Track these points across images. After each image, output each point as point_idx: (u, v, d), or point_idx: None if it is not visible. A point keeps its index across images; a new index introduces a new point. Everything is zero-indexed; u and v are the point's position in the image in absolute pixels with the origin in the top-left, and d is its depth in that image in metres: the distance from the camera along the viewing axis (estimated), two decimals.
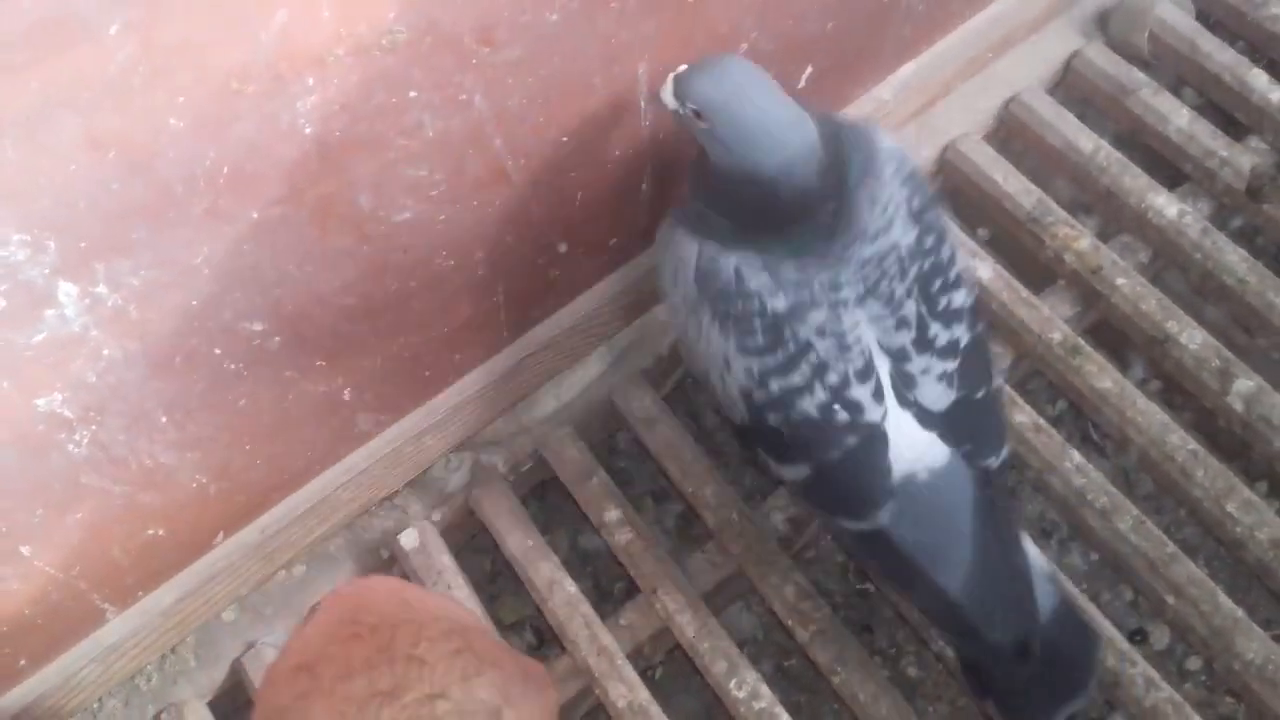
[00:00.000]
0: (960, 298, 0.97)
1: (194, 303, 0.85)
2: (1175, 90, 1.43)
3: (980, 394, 0.98)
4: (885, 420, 0.94)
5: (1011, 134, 1.43)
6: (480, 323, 1.11)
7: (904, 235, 0.94)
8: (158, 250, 0.79)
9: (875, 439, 0.94)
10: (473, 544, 1.33)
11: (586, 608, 1.16)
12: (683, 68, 0.92)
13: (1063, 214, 1.32)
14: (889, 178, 0.95)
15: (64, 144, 0.69)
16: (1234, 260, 1.27)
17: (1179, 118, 1.36)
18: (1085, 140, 1.37)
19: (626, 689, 1.11)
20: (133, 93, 0.69)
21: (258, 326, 0.92)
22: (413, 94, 0.82)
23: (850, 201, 0.93)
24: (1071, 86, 1.46)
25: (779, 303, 0.92)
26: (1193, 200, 1.34)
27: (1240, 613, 1.10)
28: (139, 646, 1.11)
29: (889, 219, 0.93)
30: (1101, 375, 1.22)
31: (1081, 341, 1.25)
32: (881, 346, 0.94)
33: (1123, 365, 1.34)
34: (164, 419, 0.93)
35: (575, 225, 1.09)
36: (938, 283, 0.95)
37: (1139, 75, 1.40)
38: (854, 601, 1.35)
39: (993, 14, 1.38)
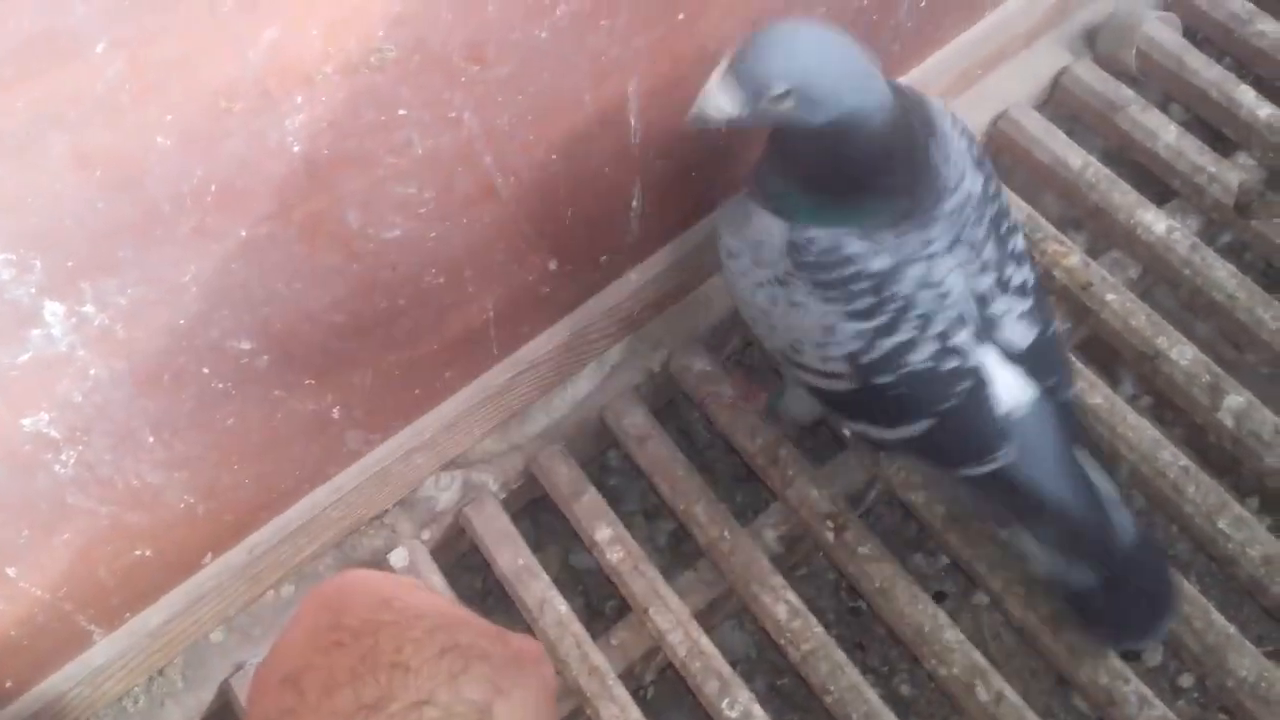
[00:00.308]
0: (1021, 240, 1.01)
1: (181, 321, 0.85)
2: (1162, 106, 1.44)
3: (1050, 331, 1.02)
4: (987, 363, 0.98)
5: (1000, 150, 1.44)
6: (470, 340, 1.11)
7: (973, 183, 0.97)
8: (145, 269, 0.79)
9: (983, 382, 0.98)
10: (463, 562, 1.32)
11: (577, 627, 1.16)
12: (725, 66, 0.85)
13: (1052, 230, 1.33)
14: (949, 130, 0.97)
15: (51, 162, 0.68)
16: (1223, 276, 1.27)
17: (1167, 134, 1.37)
18: (1074, 156, 1.37)
19: (618, 709, 1.11)
20: (121, 110, 0.68)
21: (246, 345, 0.91)
22: (401, 112, 0.82)
23: (926, 158, 0.94)
24: (1060, 103, 1.46)
25: (879, 263, 0.94)
26: (1181, 216, 1.35)
27: (1233, 629, 1.10)
28: (126, 668, 1.10)
29: (961, 170, 0.96)
30: (1092, 391, 1.22)
31: (1072, 358, 1.25)
32: (970, 291, 0.97)
33: (1113, 381, 1.34)
34: (151, 438, 0.92)
35: (565, 242, 1.09)
36: (1005, 225, 1.00)
37: (1127, 92, 1.41)
38: (846, 619, 1.35)
39: (981, 31, 1.38)
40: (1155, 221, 1.31)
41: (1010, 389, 0.99)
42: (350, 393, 1.04)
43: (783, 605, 1.15)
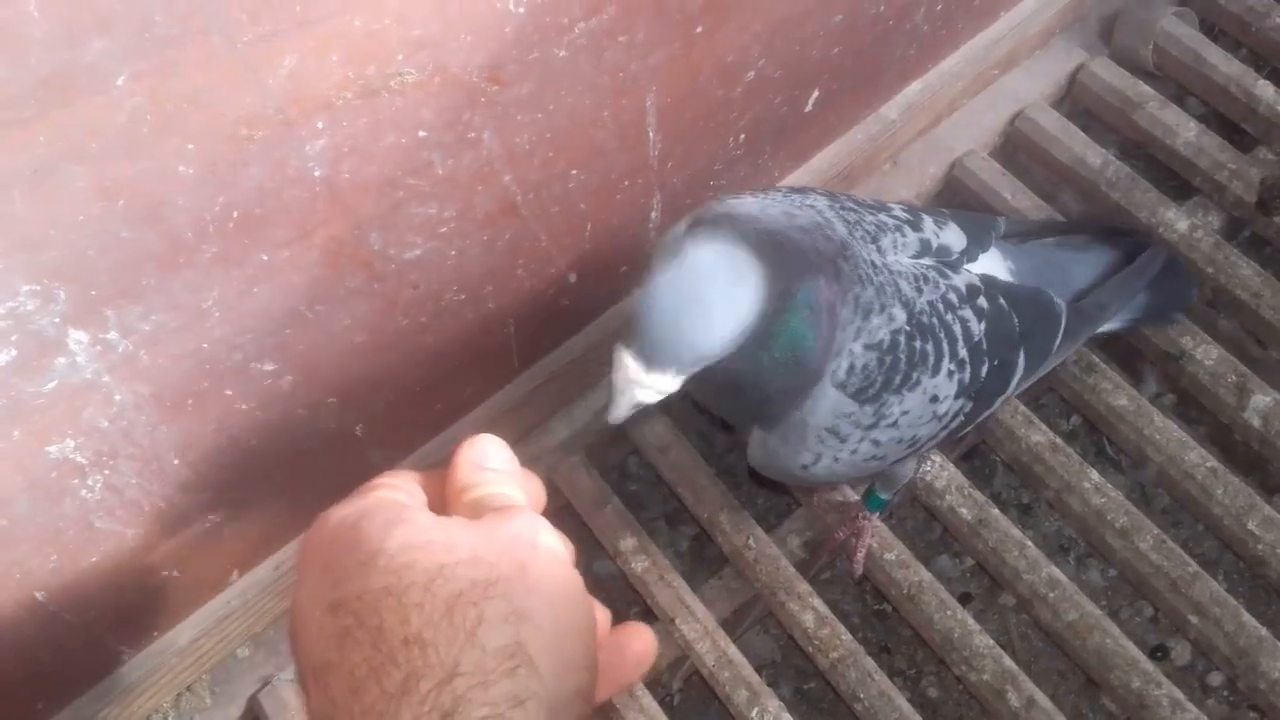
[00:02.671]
0: (897, 214, 1.00)
1: (204, 345, 0.85)
2: (1179, 101, 1.43)
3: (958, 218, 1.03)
4: (973, 277, 0.98)
5: (1019, 150, 1.43)
6: (491, 355, 1.11)
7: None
8: (168, 295, 0.79)
9: (993, 282, 0.99)
10: None
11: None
12: (629, 351, 0.77)
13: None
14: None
15: (73, 194, 0.68)
16: (1247, 274, 1.26)
17: (1187, 130, 1.36)
18: (1093, 155, 1.36)
19: (646, 719, 1.11)
20: (142, 142, 0.68)
21: (269, 366, 0.91)
22: (422, 134, 0.82)
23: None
24: (1077, 101, 1.45)
25: (890, 328, 0.91)
26: (1203, 213, 1.34)
27: (1264, 631, 1.09)
28: (155, 686, 1.10)
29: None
30: (1117, 393, 1.22)
31: (1096, 359, 1.24)
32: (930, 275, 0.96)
33: (1136, 380, 1.33)
34: (176, 461, 0.92)
35: (585, 256, 1.09)
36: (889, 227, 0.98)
37: (1145, 88, 1.40)
38: (872, 623, 1.35)
39: (997, 31, 1.38)
40: (1177, 219, 1.30)
41: (999, 268, 1.02)
42: (372, 411, 1.04)
43: (810, 613, 1.15)
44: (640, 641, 0.64)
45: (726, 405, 0.97)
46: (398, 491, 0.62)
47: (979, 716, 1.27)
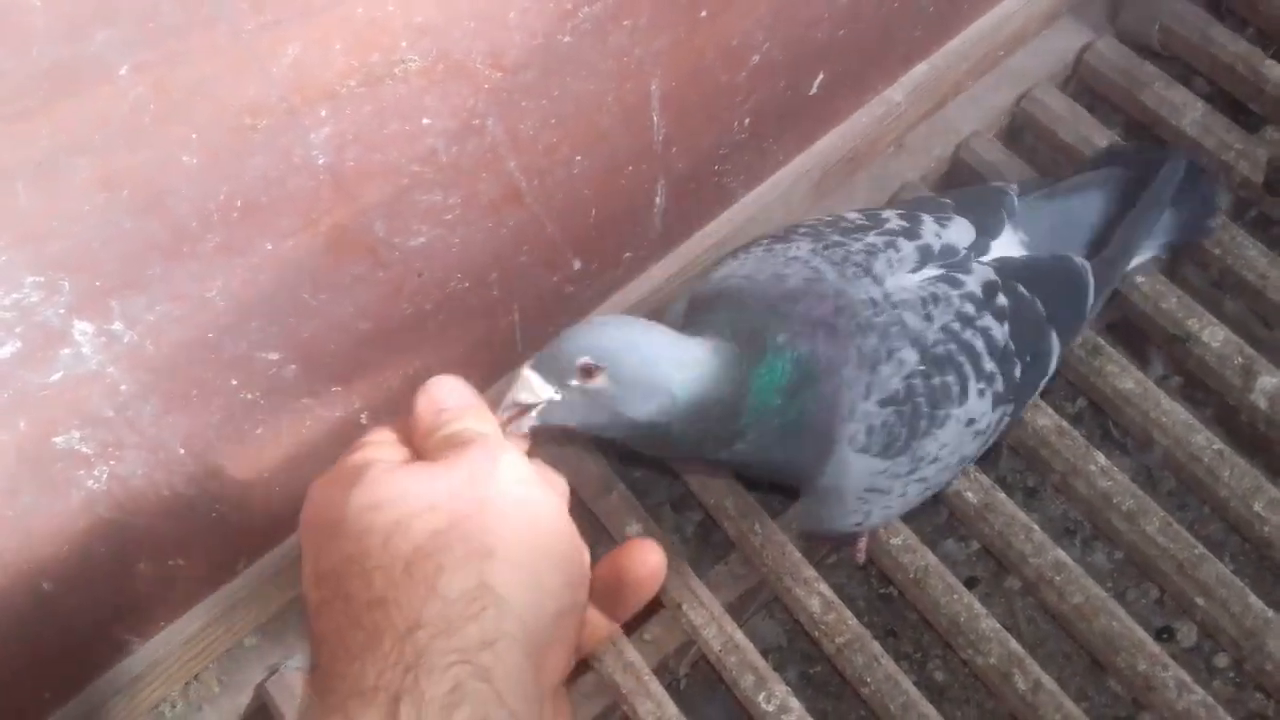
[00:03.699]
0: (890, 225, 0.99)
1: (209, 335, 0.85)
2: (1185, 81, 1.42)
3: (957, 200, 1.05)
4: (988, 266, 0.97)
5: (1025, 131, 1.42)
6: (495, 341, 1.11)
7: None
8: (172, 285, 0.79)
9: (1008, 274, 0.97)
10: None
11: None
12: (531, 363, 0.79)
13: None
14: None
15: (77, 185, 0.68)
16: (1254, 255, 1.25)
17: (1193, 110, 1.35)
18: (1099, 135, 1.35)
19: (654, 705, 1.11)
20: (145, 132, 0.68)
21: (273, 355, 0.91)
22: (426, 121, 0.81)
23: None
24: (1083, 81, 1.44)
25: (913, 364, 0.90)
26: None
27: (1270, 613, 1.09)
28: (163, 676, 1.11)
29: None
30: (1123, 376, 1.21)
31: (1102, 341, 1.23)
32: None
33: (1142, 362, 1.33)
34: (182, 450, 0.92)
35: (590, 241, 1.08)
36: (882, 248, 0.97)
37: (1151, 68, 1.39)
38: (878, 607, 1.35)
39: (1003, 12, 1.37)
40: None
41: (1012, 246, 1.01)
42: (377, 398, 1.04)
43: (816, 598, 1.15)
44: (643, 564, 0.62)
45: (756, 474, 0.95)
46: (373, 449, 0.61)
47: (985, 699, 1.27)
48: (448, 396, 0.63)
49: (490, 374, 1.16)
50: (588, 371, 0.78)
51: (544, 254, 1.05)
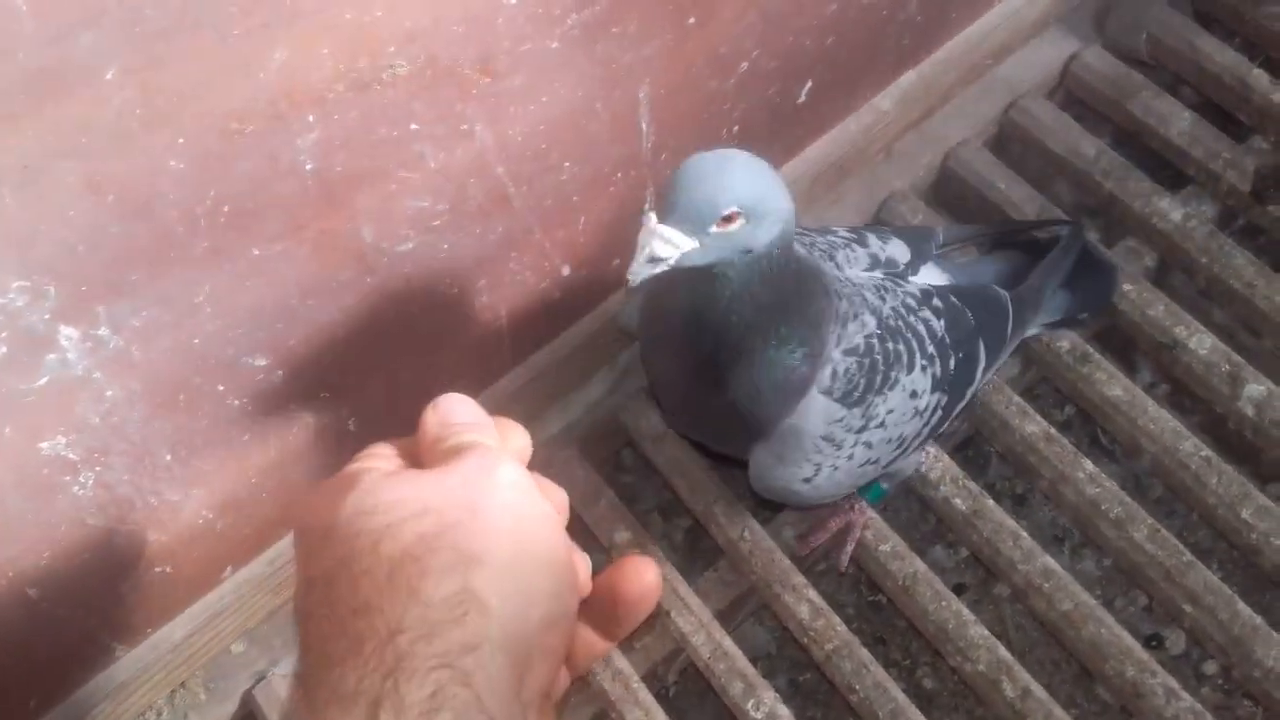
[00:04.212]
0: (843, 235, 1.06)
1: (196, 341, 0.84)
2: (1173, 91, 1.42)
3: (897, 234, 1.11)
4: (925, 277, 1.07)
5: (1013, 140, 1.43)
6: (484, 348, 1.11)
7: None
8: (159, 290, 0.78)
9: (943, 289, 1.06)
10: None
11: None
12: (653, 215, 0.78)
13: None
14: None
15: (63, 190, 0.68)
16: (1241, 263, 1.26)
17: (1181, 119, 1.35)
18: (1087, 145, 1.36)
19: (643, 712, 1.10)
20: (132, 136, 0.68)
21: (261, 361, 0.91)
22: (414, 126, 0.81)
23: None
24: (1071, 90, 1.45)
25: (873, 327, 0.97)
26: (1196, 203, 1.34)
27: (1258, 620, 1.09)
28: (149, 683, 1.10)
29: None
30: (1111, 383, 1.21)
31: (1090, 349, 1.24)
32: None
33: (1130, 369, 1.33)
34: (169, 457, 0.92)
35: (578, 248, 1.08)
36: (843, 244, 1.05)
37: (1139, 78, 1.39)
38: (867, 614, 1.35)
39: (990, 21, 1.37)
40: (1171, 209, 1.30)
41: (936, 277, 1.09)
42: (365, 404, 1.04)
43: (805, 605, 1.15)
44: (637, 582, 0.61)
45: (719, 411, 0.96)
46: (372, 460, 0.60)
47: (974, 707, 1.27)
48: (457, 412, 0.63)
49: (479, 380, 1.15)
50: (729, 219, 0.79)
51: (533, 261, 1.05)
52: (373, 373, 1.02)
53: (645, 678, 1.14)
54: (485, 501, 0.55)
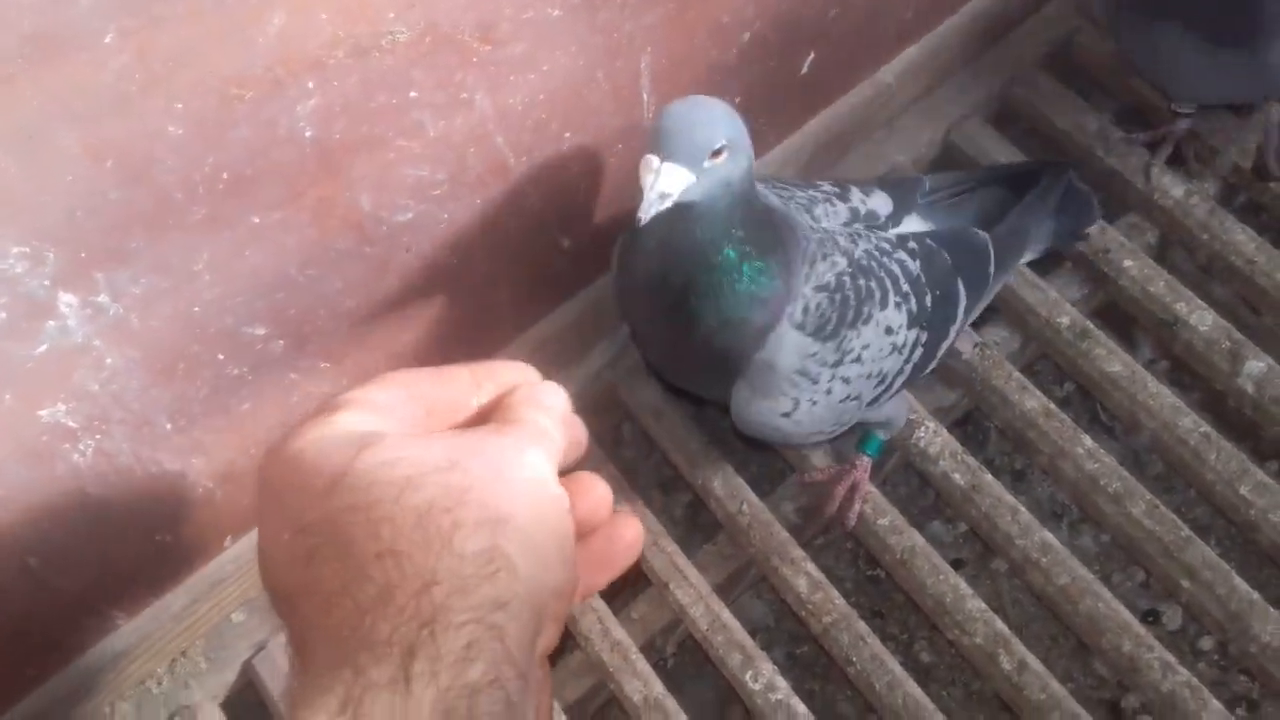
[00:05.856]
0: (827, 190, 1.08)
1: (196, 309, 0.84)
2: None
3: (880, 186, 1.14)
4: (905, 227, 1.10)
5: (1014, 115, 1.42)
6: (483, 320, 1.10)
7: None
8: (158, 257, 0.78)
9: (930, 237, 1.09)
10: None
11: (598, 602, 1.16)
12: (654, 158, 0.84)
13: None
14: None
15: (61, 155, 0.68)
16: (1242, 240, 1.26)
17: None
18: (1090, 120, 1.35)
19: (641, 683, 1.11)
20: (130, 101, 0.68)
21: (260, 330, 0.91)
22: (413, 94, 0.81)
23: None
24: (1074, 65, 1.44)
25: (843, 265, 0.99)
26: (1198, 179, 1.33)
27: (1255, 595, 1.09)
28: (150, 651, 1.10)
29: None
30: (1111, 359, 1.21)
31: (1090, 325, 1.24)
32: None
33: (1130, 346, 1.33)
34: (168, 425, 0.92)
35: (578, 220, 1.08)
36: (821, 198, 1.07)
37: None
38: (865, 587, 1.35)
39: None
40: (1173, 185, 1.30)
41: (918, 226, 1.11)
42: (364, 375, 1.01)
43: (803, 578, 1.15)
44: (629, 533, 0.60)
45: (697, 352, 0.97)
46: (366, 412, 0.59)
47: (971, 680, 1.28)
48: (548, 398, 0.63)
49: (479, 351, 1.15)
50: (718, 153, 0.86)
51: (533, 232, 1.05)
52: (372, 343, 1.02)
53: (644, 649, 1.15)
54: (510, 471, 0.55)
